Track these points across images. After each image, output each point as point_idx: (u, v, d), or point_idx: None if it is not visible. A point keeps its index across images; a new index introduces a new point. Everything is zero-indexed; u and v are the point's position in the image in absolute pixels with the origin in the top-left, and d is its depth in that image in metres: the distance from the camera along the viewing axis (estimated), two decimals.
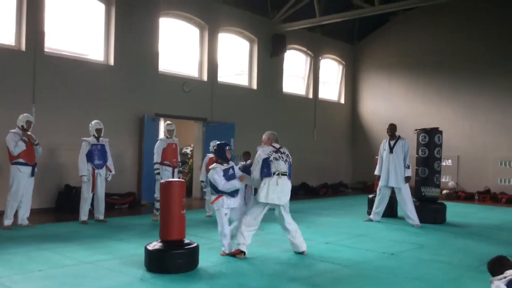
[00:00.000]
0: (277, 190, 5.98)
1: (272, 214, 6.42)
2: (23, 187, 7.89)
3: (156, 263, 5.20)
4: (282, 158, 6.17)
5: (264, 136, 6.45)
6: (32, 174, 8.04)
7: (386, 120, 16.96)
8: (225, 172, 6.08)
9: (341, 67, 18.11)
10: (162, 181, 5.76)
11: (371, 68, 17.89)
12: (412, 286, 4.93)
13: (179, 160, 9.35)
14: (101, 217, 8.65)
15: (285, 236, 7.64)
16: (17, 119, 7.99)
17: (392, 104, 17.01)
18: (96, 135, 8.63)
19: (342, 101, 18.14)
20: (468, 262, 6.06)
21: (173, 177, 8.79)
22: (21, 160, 7.78)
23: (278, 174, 6.02)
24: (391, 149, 9.15)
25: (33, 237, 7.08)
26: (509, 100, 14.76)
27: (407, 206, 8.99)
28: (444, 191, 14.41)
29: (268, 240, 7.26)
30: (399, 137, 9.25)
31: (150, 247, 5.31)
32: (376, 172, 9.56)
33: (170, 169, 9.00)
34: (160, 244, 5.32)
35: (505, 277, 3.46)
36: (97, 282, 4.79)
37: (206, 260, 5.65)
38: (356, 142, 18.23)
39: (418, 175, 9.79)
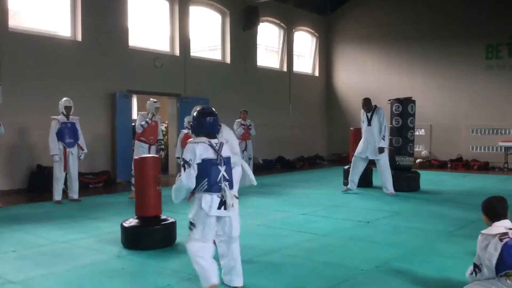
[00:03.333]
0: None
1: (247, 187, 6.37)
2: None
3: (132, 239, 5.16)
4: None
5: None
6: None
7: (360, 91, 17.10)
8: None
9: (314, 39, 18.02)
10: (136, 157, 5.66)
11: (344, 39, 17.86)
12: (387, 252, 5.02)
13: (160, 137, 9.20)
14: (75, 196, 8.51)
15: (262, 210, 7.69)
16: None
17: (366, 75, 17.08)
18: (65, 113, 8.40)
19: (317, 73, 18.13)
20: (441, 228, 6.19)
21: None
22: None
23: None
24: (369, 122, 9.17)
25: (5, 218, 6.91)
26: (476, 69, 15.00)
27: (384, 176, 9.10)
28: (418, 160, 14.66)
29: (245, 214, 7.25)
30: (375, 107, 9.22)
31: (126, 224, 5.25)
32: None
33: (146, 146, 8.86)
34: (136, 220, 5.27)
35: (500, 237, 3.21)
36: (73, 261, 4.72)
37: (185, 235, 5.61)
38: (331, 114, 18.31)
39: (392, 144, 9.91)
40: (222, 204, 3.63)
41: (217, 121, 3.83)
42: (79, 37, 10.72)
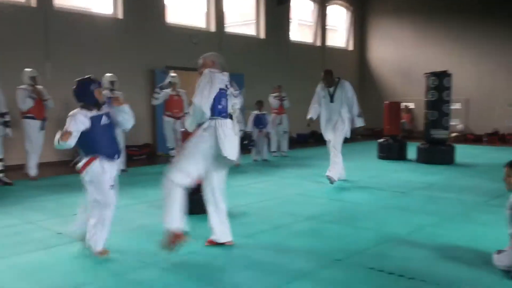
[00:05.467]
0: (231, 139, 4.23)
1: (283, 160, 6.64)
2: (35, 140, 8.11)
3: None
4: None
5: (208, 59, 4.49)
6: (42, 128, 8.21)
7: (395, 64, 17.02)
8: (95, 120, 4.14)
9: (349, 12, 17.91)
10: (182, 129, 6.00)
11: (379, 12, 17.69)
12: (422, 219, 5.24)
13: (186, 111, 9.55)
14: (122, 166, 8.98)
15: (299, 180, 7.97)
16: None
17: (401, 48, 16.96)
18: (111, 87, 8.83)
19: (351, 47, 18.07)
20: (476, 198, 6.35)
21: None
22: (29, 114, 8.02)
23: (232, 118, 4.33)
24: (331, 98, 7.69)
25: (61, 186, 7.46)
26: None
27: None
28: (453, 134, 14.61)
29: (283, 184, 7.59)
30: (339, 80, 7.80)
31: None
32: (310, 116, 7.81)
33: (171, 120, 9.32)
34: None
35: None
36: (131, 222, 5.20)
37: (232, 203, 5.96)
38: (364, 88, 18.25)
39: (427, 118, 9.99)
40: None
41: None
42: (120, 15, 11.10)
